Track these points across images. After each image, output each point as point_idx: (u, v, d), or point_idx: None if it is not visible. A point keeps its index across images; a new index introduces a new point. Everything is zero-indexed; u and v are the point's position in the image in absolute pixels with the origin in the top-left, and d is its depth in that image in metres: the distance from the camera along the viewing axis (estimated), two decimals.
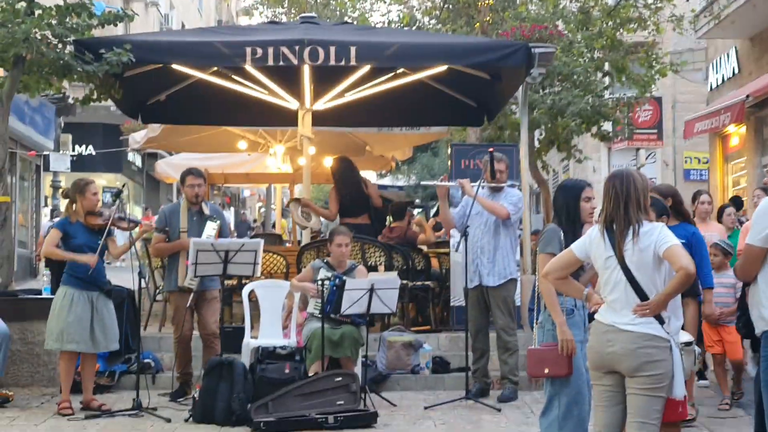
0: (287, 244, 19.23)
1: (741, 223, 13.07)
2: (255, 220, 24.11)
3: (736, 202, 18.45)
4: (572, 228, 6.96)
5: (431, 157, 44.31)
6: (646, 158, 30.81)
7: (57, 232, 10.43)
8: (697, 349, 7.09)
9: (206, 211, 11.10)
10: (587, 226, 7.09)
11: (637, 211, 5.94)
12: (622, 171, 6.18)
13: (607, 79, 20.89)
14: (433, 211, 33.52)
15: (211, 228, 10.88)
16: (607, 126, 21.24)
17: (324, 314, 10.27)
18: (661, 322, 5.89)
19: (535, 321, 7.19)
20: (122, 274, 12.60)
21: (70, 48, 12.25)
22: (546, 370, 6.84)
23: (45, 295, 11.87)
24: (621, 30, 20.59)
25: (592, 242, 6.08)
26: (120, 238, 11.10)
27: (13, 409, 10.35)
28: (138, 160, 41.02)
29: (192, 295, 10.77)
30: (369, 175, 44.14)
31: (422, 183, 19.29)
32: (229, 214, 41.78)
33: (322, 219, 14.79)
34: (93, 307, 10.27)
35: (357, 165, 20.21)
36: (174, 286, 10.96)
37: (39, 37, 12.02)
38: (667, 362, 5.88)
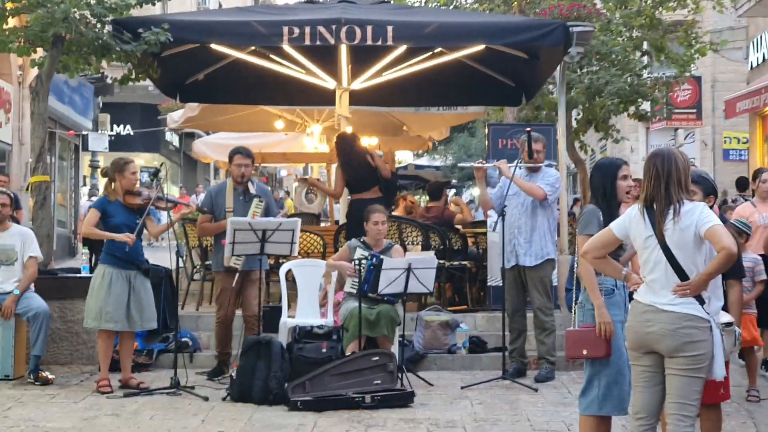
0: (324, 224, 19.26)
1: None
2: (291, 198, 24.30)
3: (740, 183, 18.34)
4: (609, 207, 6.91)
5: (468, 137, 44.24)
6: (685, 138, 30.63)
7: (96, 212, 10.47)
8: (737, 330, 7.03)
9: (252, 190, 11.08)
10: (624, 205, 7.05)
11: (678, 190, 5.89)
12: (664, 150, 6.13)
13: (645, 59, 20.75)
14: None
15: (255, 206, 10.87)
16: (646, 106, 21.11)
17: (361, 293, 10.27)
18: (702, 302, 5.85)
19: (574, 301, 7.16)
20: (160, 254, 12.67)
21: (108, 28, 12.30)
22: (584, 351, 6.81)
23: (84, 273, 11.95)
24: (660, 8, 20.41)
25: (631, 221, 6.04)
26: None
27: (53, 387, 10.42)
28: (175, 140, 41.18)
29: (237, 275, 10.78)
30: (405, 155, 44.26)
31: (459, 164, 19.27)
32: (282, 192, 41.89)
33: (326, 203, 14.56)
34: (130, 286, 10.32)
35: (394, 145, 20.26)
36: (220, 266, 10.95)
37: (78, 17, 12.07)
38: (707, 343, 5.84)
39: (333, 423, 8.79)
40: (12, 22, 12.97)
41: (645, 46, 20.63)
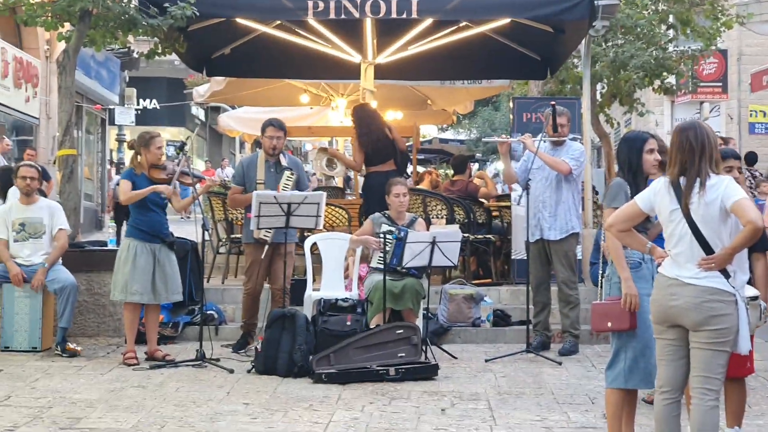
0: (349, 197, 19.30)
1: None
2: (314, 174, 24.12)
3: (750, 158, 18.27)
4: (635, 180, 6.90)
5: (492, 111, 44.21)
6: (710, 112, 30.47)
7: (126, 181, 10.48)
8: (762, 303, 7.02)
9: (284, 162, 11.07)
10: (651, 178, 7.04)
11: (708, 163, 5.89)
12: (694, 122, 6.11)
13: (671, 32, 20.63)
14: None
15: (287, 178, 10.87)
16: (671, 79, 21.00)
17: (389, 267, 10.28)
18: (727, 276, 5.84)
19: (600, 275, 7.16)
20: (186, 227, 12.74)
21: (134, 2, 12.35)
22: (609, 324, 6.81)
23: (110, 246, 12.03)
24: None
25: (656, 194, 6.03)
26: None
27: (80, 359, 10.51)
28: (201, 114, 41.28)
29: (266, 248, 10.80)
30: (430, 129, 44.22)
31: (484, 139, 19.25)
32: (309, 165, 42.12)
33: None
34: (155, 258, 10.38)
35: (418, 119, 20.24)
36: (250, 239, 10.97)
37: None
38: (732, 316, 5.84)
39: (357, 395, 8.84)
40: None
41: (671, 19, 20.49)
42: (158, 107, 37.44)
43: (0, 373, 9.68)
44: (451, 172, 15.47)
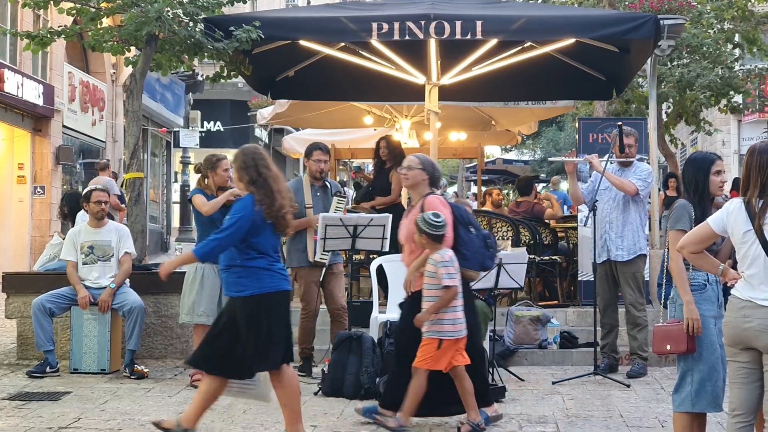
0: None
1: None
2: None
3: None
4: (701, 202, 6.85)
5: (556, 131, 44.07)
6: None
7: (200, 195, 10.48)
8: None
9: (329, 186, 11.12)
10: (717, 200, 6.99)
11: None
12: None
13: (737, 51, 20.50)
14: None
15: (337, 203, 10.91)
16: (738, 98, 20.85)
17: None
18: None
19: (662, 296, 7.10)
20: None
21: (200, 26, 12.46)
22: (668, 347, 6.77)
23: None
24: (752, 0, 20.15)
25: (730, 215, 5.97)
26: None
27: (148, 381, 10.58)
28: (264, 136, 41.49)
29: (322, 270, 10.83)
30: (493, 150, 44.14)
31: (550, 159, 19.22)
32: (350, 190, 42.22)
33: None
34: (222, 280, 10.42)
35: (482, 140, 20.23)
36: (304, 262, 10.97)
37: (171, 16, 12.26)
38: None
39: (424, 419, 8.80)
40: (106, 21, 13.20)
41: (737, 38, 20.38)
42: (222, 129, 37.70)
43: (69, 395, 9.77)
44: (516, 192, 15.44)
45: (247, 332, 7.55)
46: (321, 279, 10.93)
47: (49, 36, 13.08)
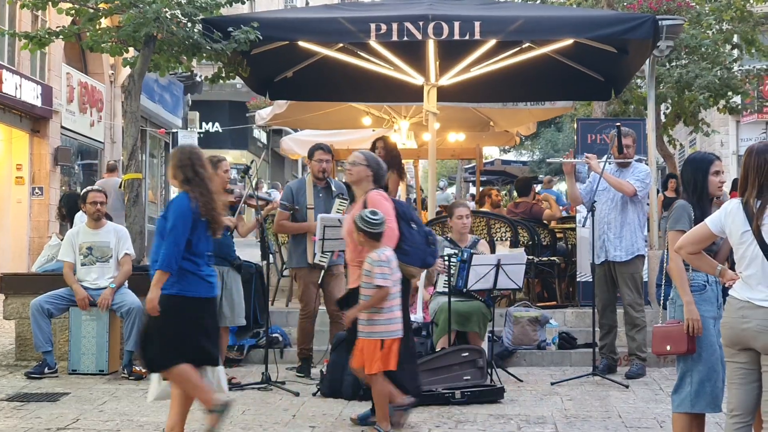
0: None
1: None
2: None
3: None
4: (700, 202, 6.85)
5: (555, 132, 44.08)
6: None
7: None
8: None
9: (332, 187, 11.11)
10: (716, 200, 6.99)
11: None
12: None
13: (736, 52, 20.51)
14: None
15: (339, 204, 10.90)
16: (736, 99, 20.86)
17: (455, 290, 10.25)
18: None
19: (663, 297, 7.09)
20: (250, 250, 12.78)
21: (198, 27, 12.46)
22: (668, 347, 6.77)
23: None
24: (750, 1, 20.15)
25: (728, 216, 5.97)
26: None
27: (146, 382, 10.48)
28: (263, 137, 41.53)
29: (321, 271, 10.83)
30: (492, 151, 44.14)
31: (548, 160, 19.16)
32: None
33: None
34: (223, 282, 10.41)
35: (481, 140, 20.24)
36: (303, 263, 10.97)
37: (169, 17, 12.25)
38: None
39: (423, 419, 8.81)
40: (104, 22, 13.19)
41: (735, 38, 20.38)
42: (221, 130, 37.72)
43: (68, 396, 9.77)
44: (514, 193, 15.44)
45: (155, 328, 7.57)
46: (320, 280, 10.92)
47: (47, 36, 13.08)
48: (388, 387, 8.06)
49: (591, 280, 11.36)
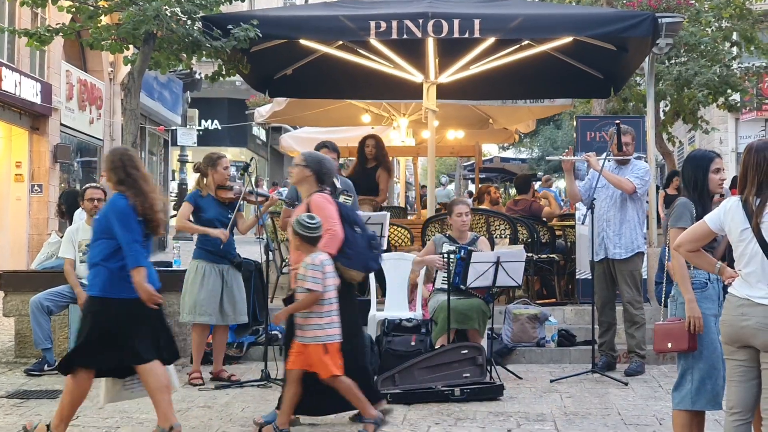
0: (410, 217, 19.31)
1: None
2: None
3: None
4: (701, 200, 6.85)
5: (554, 129, 44.05)
6: None
7: (188, 205, 10.58)
8: None
9: (337, 184, 11.08)
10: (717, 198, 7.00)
11: None
12: None
13: (735, 49, 20.51)
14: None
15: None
16: (735, 96, 20.86)
17: (452, 286, 10.26)
18: None
19: (664, 295, 7.09)
20: (249, 247, 12.78)
21: (198, 24, 12.46)
22: (669, 345, 6.77)
23: (175, 267, 12.09)
24: None
25: (727, 213, 5.97)
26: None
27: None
28: (262, 134, 41.52)
29: None
30: (491, 148, 44.14)
31: (548, 158, 19.18)
32: None
33: None
34: (223, 280, 10.43)
35: (480, 138, 20.24)
36: None
37: (169, 14, 12.26)
38: None
39: (423, 416, 8.82)
40: (104, 20, 13.19)
41: (734, 36, 20.38)
42: (220, 128, 37.71)
43: None
44: (511, 191, 15.44)
45: (84, 328, 7.69)
46: None
47: (47, 34, 13.08)
48: (350, 381, 8.00)
49: (590, 277, 11.36)
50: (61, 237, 11.67)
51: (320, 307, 7.91)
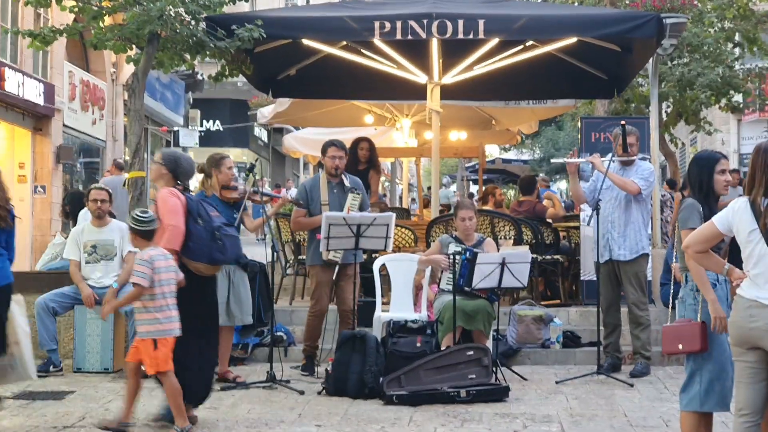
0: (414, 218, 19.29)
1: None
2: (384, 195, 24.20)
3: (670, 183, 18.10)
4: (707, 201, 6.84)
5: (556, 130, 44.04)
6: None
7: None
8: None
9: (347, 183, 11.07)
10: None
11: None
12: None
13: (737, 50, 20.51)
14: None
15: (352, 199, 10.87)
16: (738, 97, 20.86)
17: (457, 287, 10.24)
18: None
19: (671, 296, 7.07)
20: (254, 248, 12.77)
21: (202, 25, 12.45)
22: (680, 346, 6.74)
23: None
24: None
25: (735, 214, 5.95)
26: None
27: (150, 380, 10.50)
28: (264, 135, 41.50)
29: (335, 269, 10.82)
30: (492, 149, 44.12)
31: (552, 160, 19.15)
32: None
33: None
34: (230, 281, 10.42)
35: (483, 139, 20.23)
36: (317, 261, 10.93)
37: (173, 15, 12.24)
38: None
39: (428, 417, 8.81)
40: (108, 20, 13.18)
41: (737, 37, 20.38)
42: (222, 129, 37.70)
43: (73, 395, 9.78)
44: (510, 192, 15.44)
45: None
46: (335, 277, 10.90)
47: (51, 35, 13.06)
48: (177, 384, 8.01)
49: (595, 278, 11.35)
50: (66, 238, 11.67)
51: (152, 302, 7.95)
